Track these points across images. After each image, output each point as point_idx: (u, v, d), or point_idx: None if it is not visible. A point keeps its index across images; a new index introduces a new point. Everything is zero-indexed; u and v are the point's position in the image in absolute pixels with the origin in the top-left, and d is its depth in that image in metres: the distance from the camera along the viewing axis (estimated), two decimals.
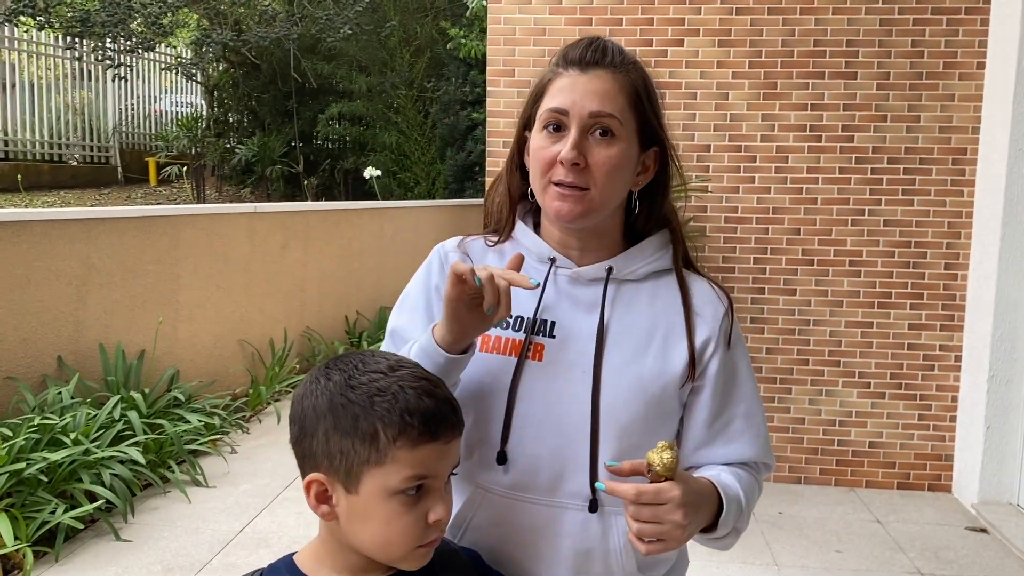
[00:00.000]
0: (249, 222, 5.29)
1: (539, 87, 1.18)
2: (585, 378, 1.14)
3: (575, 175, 1.11)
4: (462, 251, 1.25)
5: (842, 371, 3.87)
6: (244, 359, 5.19)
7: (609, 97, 1.13)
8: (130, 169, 10.80)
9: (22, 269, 3.68)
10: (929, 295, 3.81)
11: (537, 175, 1.15)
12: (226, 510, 3.46)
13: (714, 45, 3.80)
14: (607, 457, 1.12)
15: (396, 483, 0.94)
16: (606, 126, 1.13)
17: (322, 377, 0.99)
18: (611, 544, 1.15)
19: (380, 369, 0.98)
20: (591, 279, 1.19)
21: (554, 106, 1.13)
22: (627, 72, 1.16)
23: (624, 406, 1.13)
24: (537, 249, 1.21)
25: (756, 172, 3.83)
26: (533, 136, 1.16)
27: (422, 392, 0.96)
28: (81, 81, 10.56)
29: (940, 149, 3.75)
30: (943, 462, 3.87)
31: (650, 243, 1.22)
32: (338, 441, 0.95)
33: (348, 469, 0.95)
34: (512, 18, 3.87)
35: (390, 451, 0.94)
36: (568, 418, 1.14)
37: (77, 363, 3.95)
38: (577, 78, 1.14)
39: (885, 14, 3.71)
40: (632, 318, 1.18)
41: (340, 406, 0.96)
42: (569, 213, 1.12)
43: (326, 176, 10.71)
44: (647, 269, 1.21)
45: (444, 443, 0.97)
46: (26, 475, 3.04)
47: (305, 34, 9.59)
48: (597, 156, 1.12)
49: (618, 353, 1.15)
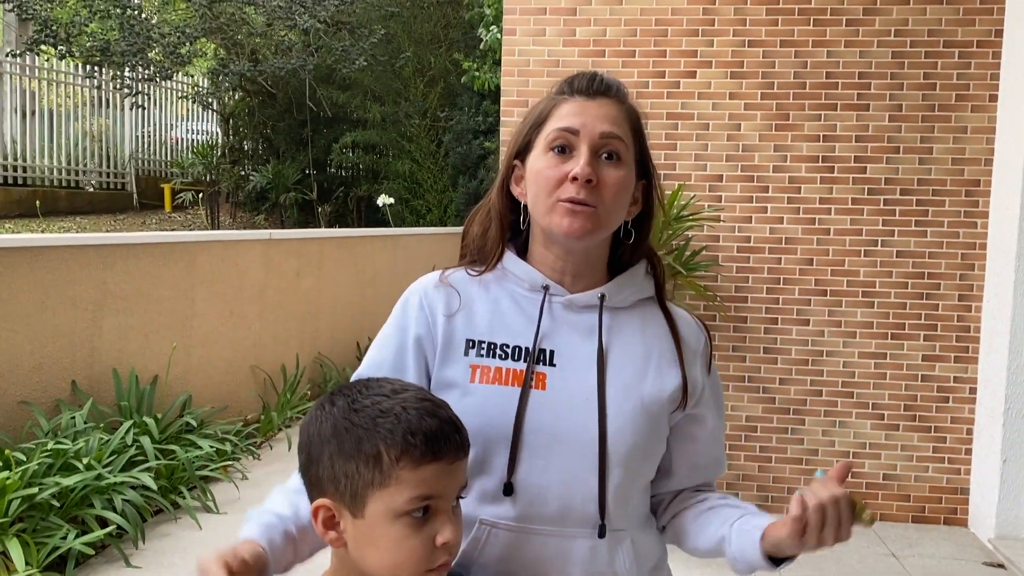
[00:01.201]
0: (264, 249, 5.33)
1: (541, 114, 1.19)
2: (590, 404, 1.14)
3: (587, 192, 1.12)
4: (445, 285, 1.23)
5: (856, 402, 3.85)
6: (256, 385, 5.20)
7: (617, 122, 1.17)
8: (145, 195, 10.91)
9: (39, 294, 3.71)
10: (943, 326, 3.79)
11: (542, 195, 1.15)
12: (237, 537, 3.44)
13: (726, 77, 3.83)
14: (615, 482, 1.14)
15: (401, 504, 0.94)
16: (614, 149, 1.15)
17: (327, 404, 1.00)
18: (618, 567, 1.16)
19: (383, 392, 0.99)
20: (584, 306, 1.19)
21: (563, 126, 1.14)
22: (628, 105, 1.20)
23: (629, 430, 1.15)
24: (529, 278, 1.20)
25: (769, 202, 3.84)
26: (535, 159, 1.17)
27: (424, 412, 0.96)
28: (99, 109, 10.72)
29: (953, 181, 3.75)
30: (959, 496, 3.83)
31: (636, 272, 1.24)
32: (343, 465, 0.96)
33: (354, 492, 0.95)
34: (526, 49, 3.92)
35: (394, 472, 0.94)
36: (576, 445, 1.13)
37: (91, 388, 3.97)
38: (586, 103, 1.16)
39: (897, 47, 3.73)
40: (627, 343, 1.19)
41: (344, 430, 0.96)
42: (580, 229, 1.13)
43: (340, 203, 10.80)
44: (636, 297, 1.23)
45: (448, 463, 0.96)
46: (38, 500, 3.04)
47: (321, 64, 9.70)
48: (607, 176, 1.14)
49: (619, 378, 1.16)
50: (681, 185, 3.75)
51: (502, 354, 1.16)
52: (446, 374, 1.18)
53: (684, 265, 3.61)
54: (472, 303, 1.21)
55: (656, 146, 3.85)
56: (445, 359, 1.19)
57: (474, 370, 1.16)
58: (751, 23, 3.80)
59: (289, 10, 9.31)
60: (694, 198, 3.80)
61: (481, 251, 1.25)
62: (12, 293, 3.59)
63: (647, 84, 3.86)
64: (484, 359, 1.17)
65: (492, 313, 1.20)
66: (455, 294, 1.22)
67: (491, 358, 1.16)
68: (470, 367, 1.17)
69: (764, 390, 3.89)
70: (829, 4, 3.75)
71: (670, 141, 3.86)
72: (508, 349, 1.17)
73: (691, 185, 3.84)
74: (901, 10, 3.72)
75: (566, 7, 3.88)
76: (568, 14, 3.88)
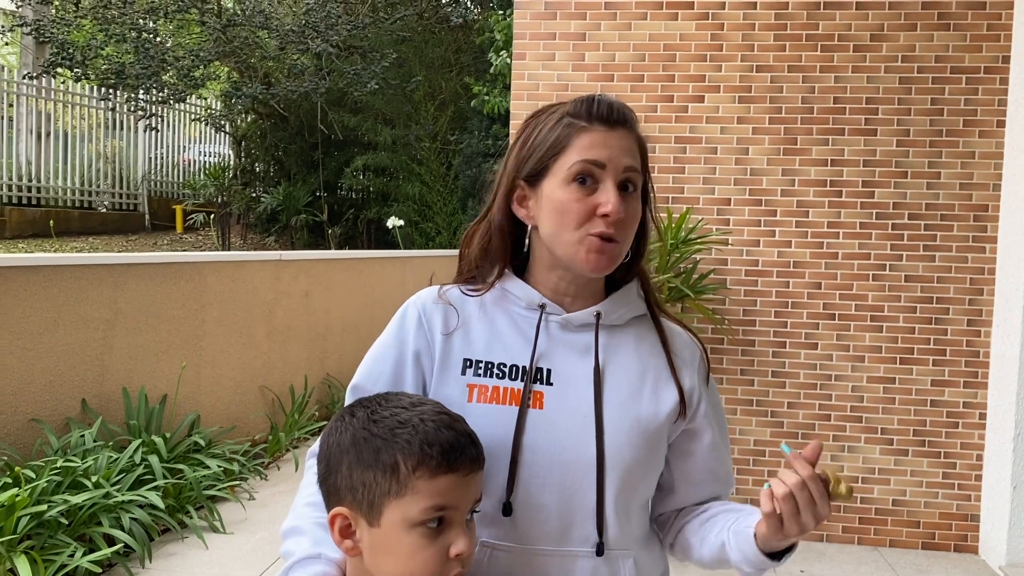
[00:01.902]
0: (274, 269, 5.36)
1: (560, 140, 1.15)
2: (587, 423, 1.15)
3: (616, 228, 1.13)
4: (443, 303, 1.23)
5: (864, 427, 3.83)
6: (264, 406, 5.22)
7: (634, 154, 1.17)
8: (157, 216, 11.01)
9: (51, 312, 3.74)
10: (952, 351, 3.78)
11: (568, 227, 1.13)
12: (243, 557, 3.45)
13: (734, 101, 3.85)
14: (613, 500, 1.14)
15: (416, 514, 0.96)
16: (633, 181, 1.16)
17: (347, 415, 1.03)
18: None
19: (402, 405, 1.01)
20: (580, 325, 1.20)
21: (591, 158, 1.13)
22: (638, 133, 1.20)
23: (627, 448, 1.15)
24: (526, 296, 1.21)
25: (777, 226, 3.85)
26: (555, 188, 1.15)
27: (441, 425, 0.99)
28: (113, 131, 10.84)
29: (961, 206, 3.76)
30: (969, 522, 3.80)
31: (629, 290, 1.25)
32: (360, 474, 0.98)
33: (370, 501, 0.97)
34: (536, 74, 3.96)
35: (410, 482, 0.96)
36: (574, 464, 1.14)
37: (101, 406, 4.00)
38: (608, 134, 1.15)
39: (905, 72, 3.76)
40: (623, 361, 1.20)
41: (363, 440, 0.99)
42: (608, 266, 1.15)
43: (349, 226, 10.86)
44: (630, 315, 1.24)
45: (463, 475, 0.98)
46: (47, 517, 3.06)
47: (333, 88, 9.80)
48: (630, 210, 1.15)
49: (615, 396, 1.17)
50: (689, 208, 3.76)
51: (499, 373, 1.17)
52: (442, 392, 1.18)
53: (692, 288, 3.62)
54: (469, 321, 1.22)
55: (664, 169, 3.88)
56: (441, 378, 1.19)
57: (471, 389, 1.16)
58: (759, 48, 3.83)
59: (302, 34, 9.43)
60: (702, 221, 3.82)
61: (480, 269, 1.25)
62: (25, 311, 3.62)
63: (656, 108, 3.89)
64: (481, 379, 1.17)
65: (489, 332, 1.21)
66: (453, 312, 1.22)
67: (488, 377, 1.17)
68: (467, 387, 1.17)
69: (772, 414, 3.88)
70: (837, 30, 3.78)
71: (678, 165, 3.88)
72: (505, 368, 1.17)
73: (699, 208, 3.86)
74: (908, 36, 3.75)
75: (575, 32, 3.92)
76: (577, 39, 3.92)
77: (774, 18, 3.82)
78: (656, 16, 3.88)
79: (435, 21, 11.01)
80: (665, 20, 3.87)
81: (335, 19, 9.58)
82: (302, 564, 1.07)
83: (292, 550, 1.10)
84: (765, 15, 3.82)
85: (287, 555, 1.10)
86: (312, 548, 1.08)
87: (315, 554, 1.08)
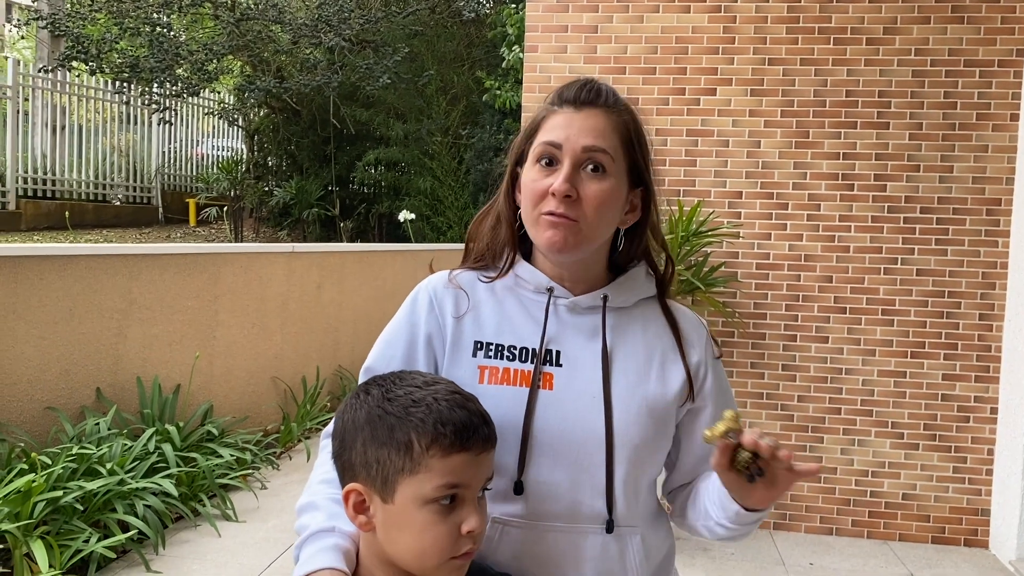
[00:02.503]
0: (286, 262, 5.39)
1: (533, 124, 1.21)
2: (596, 403, 1.17)
3: (566, 207, 1.14)
4: (454, 287, 1.26)
5: (875, 421, 3.83)
6: (277, 396, 5.25)
7: (603, 134, 1.17)
8: (171, 210, 11.07)
9: (67, 302, 3.78)
10: (963, 345, 3.77)
11: (529, 207, 1.18)
12: (255, 545, 3.48)
13: (746, 95, 3.85)
14: (621, 478, 1.17)
15: (429, 491, 0.98)
16: (598, 161, 1.16)
17: (362, 393, 1.05)
18: (628, 562, 1.19)
19: (416, 384, 1.03)
20: (587, 307, 1.22)
21: (548, 140, 1.16)
22: (619, 113, 1.20)
23: (635, 427, 1.18)
24: (534, 280, 1.23)
25: (788, 219, 3.85)
26: (526, 170, 1.19)
27: (455, 404, 1.01)
28: (127, 124, 10.90)
29: (974, 200, 3.75)
30: (979, 516, 3.79)
31: (637, 273, 1.27)
32: (375, 451, 1.00)
33: (384, 478, 0.99)
34: (547, 67, 3.97)
35: (423, 460, 0.98)
36: (583, 443, 1.17)
37: (115, 395, 4.04)
38: (572, 115, 1.17)
39: (918, 66, 3.75)
40: (630, 343, 1.22)
41: (377, 417, 1.01)
42: (562, 243, 1.15)
43: (361, 219, 10.90)
44: (637, 297, 1.26)
45: (475, 454, 1.00)
46: (62, 503, 3.10)
47: (345, 82, 9.83)
48: (588, 189, 1.15)
49: (623, 377, 1.20)
50: (700, 201, 3.77)
51: (510, 355, 1.19)
52: (454, 374, 1.20)
53: (703, 281, 3.62)
54: (479, 305, 1.24)
55: (676, 163, 3.88)
56: (453, 359, 1.22)
57: (482, 371, 1.19)
58: (771, 41, 3.83)
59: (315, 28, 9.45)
60: (713, 214, 3.82)
61: (489, 254, 1.28)
62: (41, 301, 3.66)
63: (667, 101, 3.89)
64: (492, 360, 1.19)
65: (499, 315, 1.23)
66: (464, 295, 1.25)
67: (499, 359, 1.19)
68: (478, 368, 1.19)
69: (782, 407, 3.88)
70: (849, 23, 3.78)
71: (690, 158, 3.88)
72: (515, 351, 1.20)
73: (710, 202, 3.86)
74: (922, 29, 3.74)
75: (587, 25, 3.93)
76: (589, 32, 3.93)
77: (787, 11, 3.81)
78: (668, 9, 3.88)
79: (447, 15, 11.02)
80: (677, 13, 3.88)
81: (348, 13, 9.60)
82: (316, 537, 1.09)
83: (307, 524, 1.12)
84: (778, 8, 3.82)
85: (301, 529, 1.12)
86: (326, 522, 1.10)
87: (329, 527, 1.10)
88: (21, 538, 2.88)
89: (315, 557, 1.05)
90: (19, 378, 3.59)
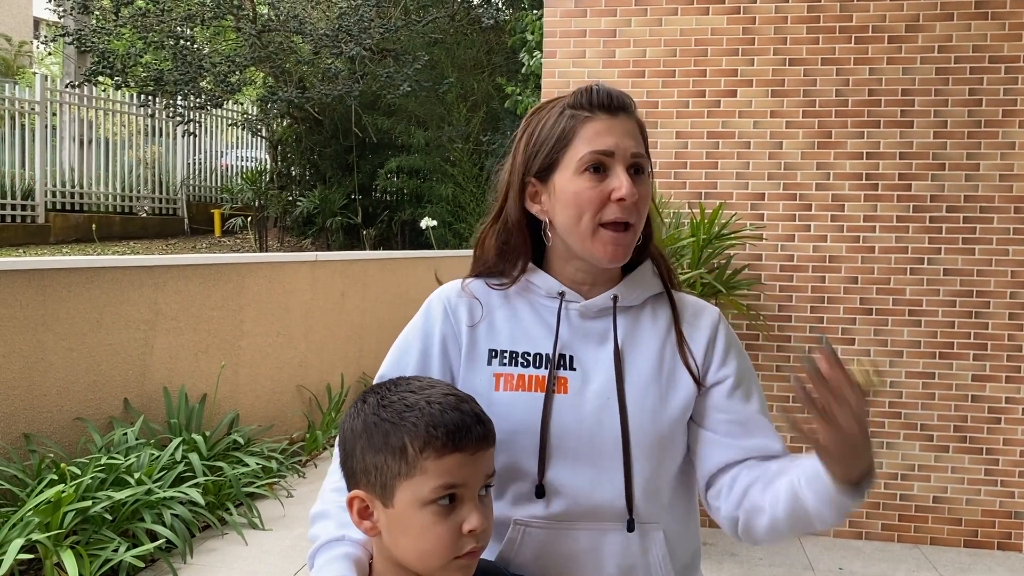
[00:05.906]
0: (310, 270, 5.43)
1: (566, 133, 1.19)
2: (611, 405, 1.18)
3: (630, 212, 1.17)
4: (467, 295, 1.27)
5: (903, 423, 3.78)
6: (302, 404, 5.28)
7: (637, 138, 1.20)
8: (196, 220, 11.19)
9: (94, 313, 3.83)
10: (993, 346, 3.72)
11: (578, 216, 1.17)
12: (281, 553, 3.50)
13: (767, 96, 3.83)
14: (640, 477, 1.17)
15: (426, 493, 0.99)
16: (641, 165, 1.19)
17: (360, 402, 1.07)
18: (651, 559, 1.20)
19: (411, 389, 1.05)
20: (599, 310, 1.24)
21: (599, 148, 1.17)
22: (637, 115, 1.23)
23: (650, 426, 1.19)
24: (545, 285, 1.25)
25: (812, 220, 3.82)
26: (567, 180, 1.18)
27: (447, 407, 1.02)
28: (152, 137, 11.05)
29: (1001, 197, 3.69)
30: (1013, 519, 3.73)
31: (644, 270, 1.28)
32: (372, 457, 1.02)
33: (383, 483, 1.01)
34: (566, 71, 3.96)
35: (418, 462, 0.99)
36: (601, 445, 1.18)
37: (142, 405, 4.08)
38: (612, 122, 1.18)
39: (941, 63, 3.70)
40: (641, 342, 1.23)
41: (373, 424, 1.03)
42: (624, 254, 1.19)
43: (384, 227, 10.95)
44: (646, 294, 1.27)
45: (470, 454, 1.01)
46: (92, 513, 3.13)
47: (366, 91, 9.90)
48: (642, 192, 1.18)
49: (636, 377, 1.20)
50: (722, 204, 3.74)
51: (524, 362, 1.21)
52: (470, 382, 1.22)
53: (725, 284, 3.60)
54: (493, 312, 1.26)
55: (697, 165, 3.86)
56: (469, 368, 1.23)
57: (497, 379, 1.20)
58: (791, 42, 3.80)
59: (335, 38, 9.52)
60: (735, 216, 3.79)
61: (498, 264, 1.28)
62: (69, 313, 3.71)
63: (687, 104, 3.87)
64: (507, 367, 1.21)
65: (512, 322, 1.24)
66: (477, 304, 1.26)
67: (514, 366, 1.21)
68: (494, 376, 1.21)
69: None
70: (871, 22, 3.74)
71: (711, 160, 3.86)
72: (529, 357, 1.21)
73: (732, 204, 3.84)
74: (945, 26, 3.69)
75: (606, 29, 3.92)
76: (608, 36, 3.92)
77: (806, 11, 3.78)
78: (687, 11, 3.87)
79: (466, 23, 11.06)
80: (696, 15, 3.86)
81: (368, 23, 9.66)
82: (327, 546, 1.12)
83: (318, 534, 1.16)
84: (797, 8, 3.79)
85: (314, 539, 1.16)
86: (336, 531, 1.13)
87: (339, 536, 1.12)
88: (52, 548, 2.92)
89: (326, 567, 1.08)
90: (48, 389, 3.64)
